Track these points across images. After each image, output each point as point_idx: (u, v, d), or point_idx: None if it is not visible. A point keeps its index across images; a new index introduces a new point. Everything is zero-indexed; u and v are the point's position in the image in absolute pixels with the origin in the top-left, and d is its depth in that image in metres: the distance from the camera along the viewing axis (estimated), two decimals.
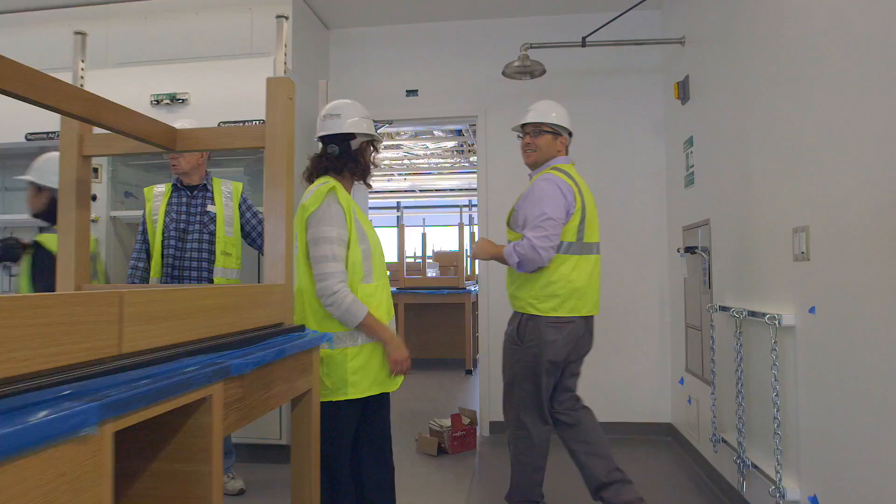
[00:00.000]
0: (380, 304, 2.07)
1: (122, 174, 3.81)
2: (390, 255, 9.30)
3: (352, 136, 2.13)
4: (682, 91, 3.47)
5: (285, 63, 1.86)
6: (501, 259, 2.52)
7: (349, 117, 2.14)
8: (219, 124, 3.46)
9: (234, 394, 1.25)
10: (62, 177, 1.86)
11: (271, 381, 1.46)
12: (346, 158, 2.15)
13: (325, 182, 2.06)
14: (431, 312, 7.03)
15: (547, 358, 2.48)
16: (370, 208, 13.56)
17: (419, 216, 11.17)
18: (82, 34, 1.91)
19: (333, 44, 4.44)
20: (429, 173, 11.34)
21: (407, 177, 11.49)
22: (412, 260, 9.37)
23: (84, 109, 1.51)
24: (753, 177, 2.52)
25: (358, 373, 2.00)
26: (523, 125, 2.64)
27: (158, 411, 0.98)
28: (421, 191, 12.57)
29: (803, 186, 2.07)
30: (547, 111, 2.59)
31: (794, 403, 2.13)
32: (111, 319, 1.00)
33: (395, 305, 6.67)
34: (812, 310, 1.99)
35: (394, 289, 6.94)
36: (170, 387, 1.00)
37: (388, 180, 11.83)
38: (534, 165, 2.64)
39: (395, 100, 4.32)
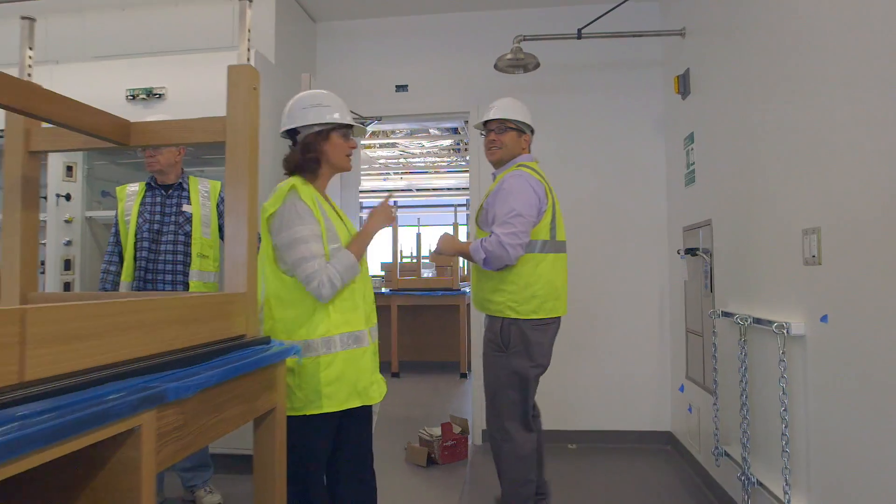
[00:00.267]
0: (355, 308, 1.91)
1: (99, 172, 3.66)
2: (385, 256, 9.16)
3: (297, 131, 2.00)
4: (683, 85, 3.31)
5: (249, 50, 1.70)
6: (467, 255, 2.44)
7: (291, 112, 2.01)
8: None
9: (171, 422, 1.09)
10: (6, 175, 1.70)
11: (223, 403, 1.30)
12: (295, 156, 2.01)
13: (288, 182, 1.91)
14: (426, 314, 6.87)
15: (536, 362, 2.41)
16: (364, 208, 13.46)
17: (414, 215, 11.02)
18: (30, 19, 1.75)
19: (320, 37, 4.28)
20: (424, 172, 11.21)
21: (403, 175, 11.34)
22: (409, 260, 9.22)
23: (16, 100, 1.35)
24: (759, 174, 2.37)
25: (333, 384, 1.84)
26: (486, 122, 2.55)
27: (61, 452, 0.83)
28: (418, 189, 12.43)
29: (815, 184, 1.91)
30: (510, 108, 2.52)
31: (804, 418, 1.97)
32: (9, 342, 0.84)
33: (387, 307, 6.61)
34: (824, 318, 1.83)
35: (387, 290, 6.78)
36: (78, 421, 0.85)
37: (384, 179, 11.69)
38: (498, 163, 2.56)
39: (385, 95, 4.16)
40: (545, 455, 2.72)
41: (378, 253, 9.54)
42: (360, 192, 12.57)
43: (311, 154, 1.99)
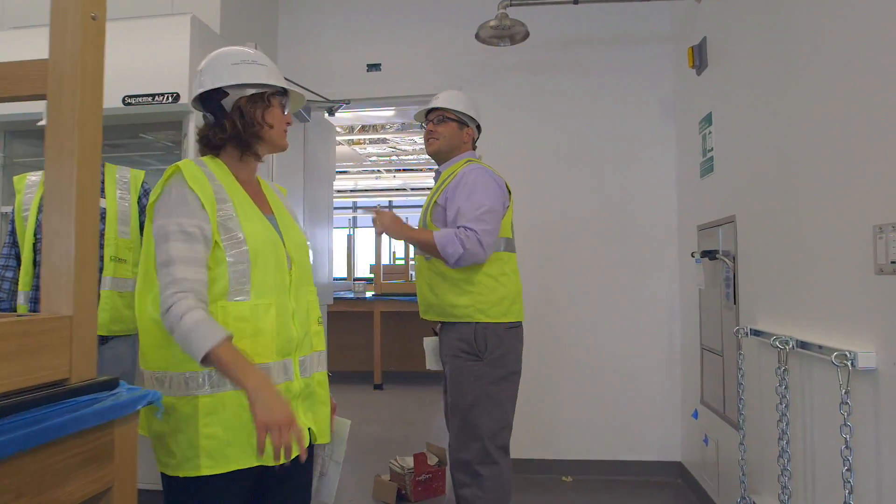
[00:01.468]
0: (260, 333, 1.36)
1: (19, 159, 3.15)
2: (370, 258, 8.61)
3: (223, 93, 1.47)
4: (698, 57, 2.79)
5: None
6: (426, 245, 2.13)
7: (215, 68, 1.48)
8: (124, 98, 2.81)
9: None
10: None
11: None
12: (232, 125, 1.48)
13: (176, 164, 1.40)
14: (413, 321, 6.35)
15: (513, 369, 2.21)
16: (359, 207, 12.94)
17: (403, 215, 10.52)
18: None
19: (283, 10, 3.77)
20: (418, 170, 10.69)
21: (396, 174, 10.83)
22: (403, 262, 8.72)
23: None
24: (803, 158, 1.85)
25: (214, 437, 1.31)
26: (427, 113, 2.39)
27: None
28: (412, 189, 11.90)
29: (891, 167, 1.40)
30: (453, 98, 2.37)
31: (875, 483, 1.45)
32: None
33: (370, 314, 6.10)
34: None
35: (369, 294, 6.27)
36: None
37: (377, 178, 11.17)
38: (436, 155, 2.37)
39: (355, 75, 3.66)
40: (533, 490, 2.42)
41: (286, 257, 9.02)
42: (353, 191, 12.13)
43: (253, 127, 1.47)
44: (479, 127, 2.39)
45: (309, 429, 1.45)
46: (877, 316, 1.45)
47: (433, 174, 2.43)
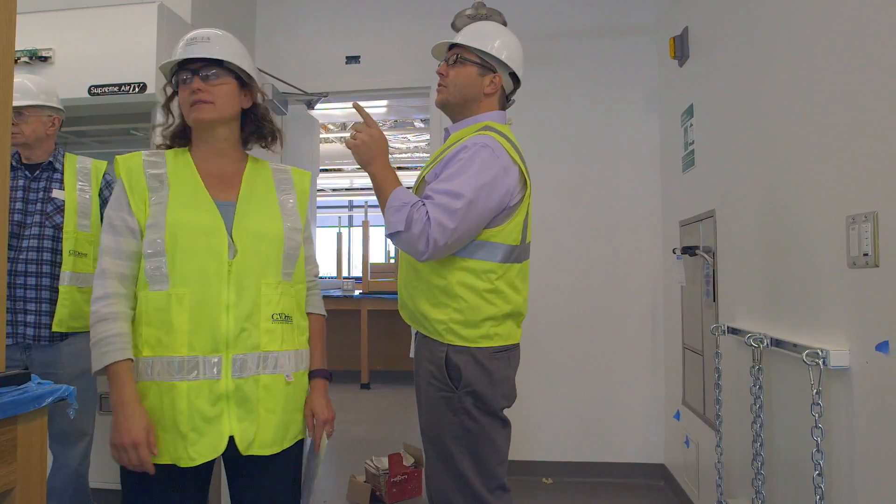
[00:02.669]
0: (171, 324, 1.29)
1: None
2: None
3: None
4: (680, 47, 2.72)
5: None
6: (381, 194, 1.61)
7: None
8: (90, 88, 2.73)
9: None
10: None
11: None
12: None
13: None
14: (401, 320, 6.25)
15: (499, 405, 1.66)
16: (356, 206, 12.84)
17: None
18: None
19: (261, 1, 3.69)
20: (414, 168, 10.59)
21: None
22: (395, 261, 8.63)
23: None
24: (780, 150, 1.78)
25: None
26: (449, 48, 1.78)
27: None
28: (407, 188, 11.79)
29: (866, 155, 1.33)
30: (479, 34, 1.72)
31: (848, 486, 1.38)
32: None
33: (357, 312, 6.02)
34: (883, 346, 1.24)
35: (358, 293, 6.20)
36: None
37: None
38: (445, 109, 1.78)
39: (334, 68, 3.58)
40: (512, 492, 1.83)
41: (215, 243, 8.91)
42: (348, 189, 12.03)
43: (182, 117, 1.46)
44: (516, 77, 1.77)
45: (232, 437, 1.33)
46: (850, 312, 1.38)
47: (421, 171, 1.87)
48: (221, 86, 1.39)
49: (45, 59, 2.77)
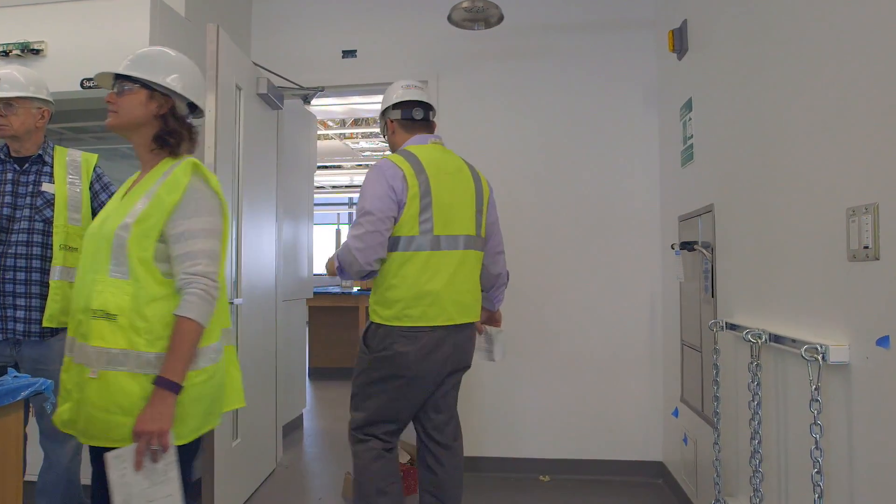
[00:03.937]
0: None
1: None
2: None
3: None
4: (679, 40, 2.69)
5: None
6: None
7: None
8: (82, 81, 2.70)
9: None
10: None
11: None
12: None
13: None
14: None
15: (402, 373, 2.07)
16: (354, 205, 12.76)
17: None
18: None
19: None
20: None
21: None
22: None
23: None
24: (779, 143, 1.75)
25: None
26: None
27: None
28: None
29: (866, 146, 1.30)
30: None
31: (847, 484, 1.35)
32: None
33: (355, 308, 5.98)
34: (883, 341, 1.21)
35: (355, 290, 6.17)
36: None
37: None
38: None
39: (330, 62, 3.55)
40: (509, 490, 2.23)
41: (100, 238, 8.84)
42: (348, 186, 11.97)
43: None
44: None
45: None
46: (850, 306, 1.35)
47: None
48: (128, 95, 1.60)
49: (37, 52, 2.75)
